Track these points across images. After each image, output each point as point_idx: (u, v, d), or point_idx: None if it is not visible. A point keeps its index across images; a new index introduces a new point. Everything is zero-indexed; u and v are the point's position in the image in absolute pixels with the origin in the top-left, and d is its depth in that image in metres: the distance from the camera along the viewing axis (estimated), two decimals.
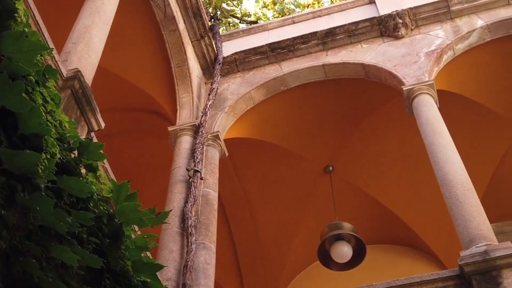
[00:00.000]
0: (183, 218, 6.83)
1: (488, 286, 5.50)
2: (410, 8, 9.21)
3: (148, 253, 4.35)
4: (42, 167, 2.83)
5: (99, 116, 5.16)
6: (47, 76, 3.28)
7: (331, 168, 10.51)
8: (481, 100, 9.54)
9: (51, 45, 4.92)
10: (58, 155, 3.13)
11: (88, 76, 5.40)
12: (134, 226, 3.66)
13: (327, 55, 9.32)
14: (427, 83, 8.00)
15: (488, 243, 5.90)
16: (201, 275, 6.39)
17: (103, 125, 5.19)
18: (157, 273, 3.73)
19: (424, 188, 9.98)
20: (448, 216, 6.55)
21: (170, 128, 8.52)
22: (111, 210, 3.39)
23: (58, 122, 3.34)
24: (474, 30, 8.76)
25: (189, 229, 6.64)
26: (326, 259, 9.36)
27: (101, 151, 3.53)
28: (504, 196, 10.44)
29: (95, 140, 4.54)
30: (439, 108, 7.84)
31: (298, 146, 10.18)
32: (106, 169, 4.86)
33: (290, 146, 10.15)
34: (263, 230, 10.86)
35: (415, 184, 10.34)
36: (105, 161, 4.56)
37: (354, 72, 9.05)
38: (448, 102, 8.65)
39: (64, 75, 5.05)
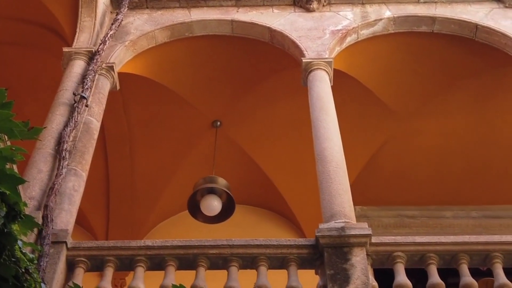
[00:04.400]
0: (59, 141, 6.67)
1: (337, 260, 5.79)
2: None
3: (14, 166, 4.27)
4: None
5: None
6: None
7: (218, 123, 10.57)
8: (373, 88, 9.88)
9: None
10: None
11: None
12: (4, 136, 3.58)
13: (237, 11, 9.32)
14: (326, 60, 8.21)
15: (347, 220, 6.17)
16: (66, 200, 6.31)
17: None
18: (20, 190, 3.68)
19: (303, 160, 10.27)
20: (318, 190, 6.81)
21: (65, 49, 8.25)
22: None
23: None
24: (380, 19, 9.01)
25: (63, 152, 6.52)
26: (195, 210, 9.49)
27: None
28: (374, 183, 10.97)
29: None
30: (332, 87, 8.07)
31: (191, 95, 10.15)
32: None
33: (183, 94, 10.10)
34: (140, 170, 10.82)
35: (295, 154, 10.61)
36: None
37: (260, 35, 9.11)
38: (342, 83, 8.89)
39: None
